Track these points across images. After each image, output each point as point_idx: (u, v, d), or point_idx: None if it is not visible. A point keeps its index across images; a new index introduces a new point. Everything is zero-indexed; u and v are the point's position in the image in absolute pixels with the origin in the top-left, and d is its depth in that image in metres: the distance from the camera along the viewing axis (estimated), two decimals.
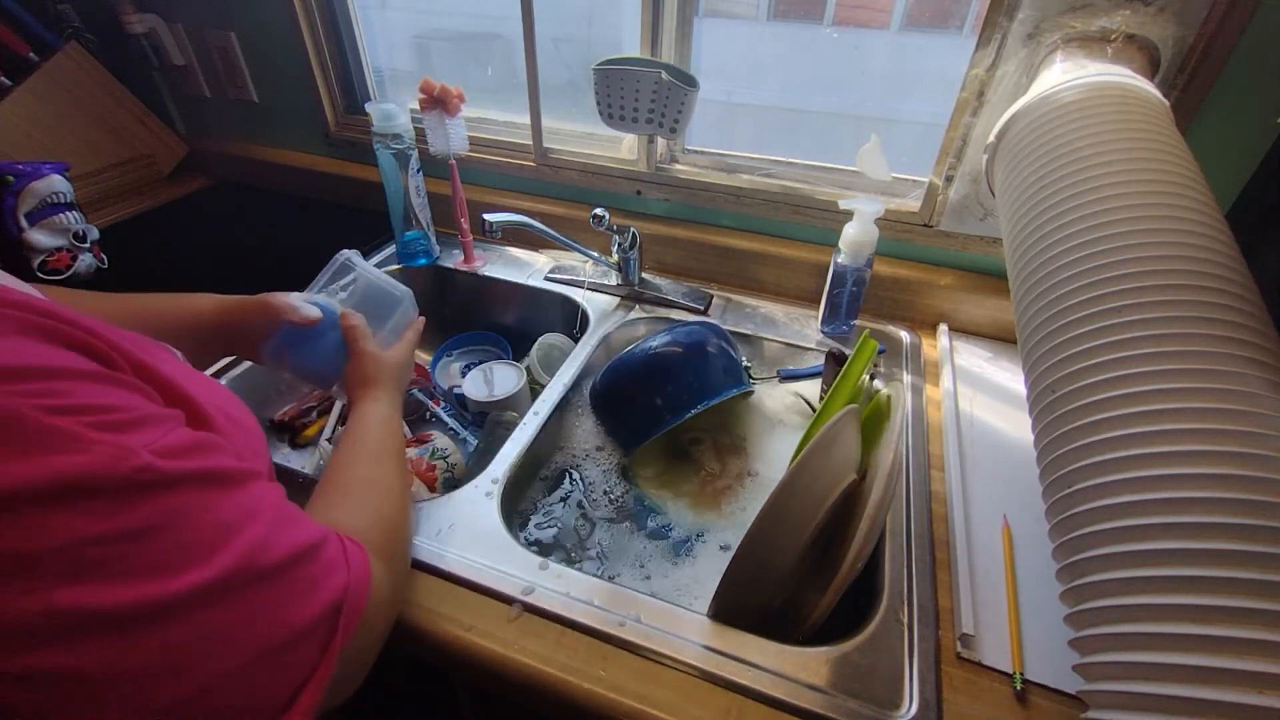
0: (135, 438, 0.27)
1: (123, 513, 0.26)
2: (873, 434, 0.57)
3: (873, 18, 1.63)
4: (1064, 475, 0.41)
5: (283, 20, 1.04)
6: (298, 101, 1.12)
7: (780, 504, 0.47)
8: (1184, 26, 0.60)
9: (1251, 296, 0.41)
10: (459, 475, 0.69)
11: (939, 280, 0.83)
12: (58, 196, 0.89)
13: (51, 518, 0.24)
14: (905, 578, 0.53)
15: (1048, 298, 0.46)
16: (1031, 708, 0.45)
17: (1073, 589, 0.40)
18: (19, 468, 0.24)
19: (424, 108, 0.86)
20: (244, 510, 0.31)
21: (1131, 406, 0.38)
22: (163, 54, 1.16)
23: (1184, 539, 0.34)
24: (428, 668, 0.57)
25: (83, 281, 0.91)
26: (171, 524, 0.27)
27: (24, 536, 0.23)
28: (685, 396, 0.68)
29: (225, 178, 1.27)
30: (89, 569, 0.24)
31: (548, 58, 0.90)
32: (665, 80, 0.78)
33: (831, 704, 0.45)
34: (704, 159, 0.95)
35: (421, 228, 0.96)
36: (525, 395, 0.78)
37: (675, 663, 0.48)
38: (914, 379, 0.76)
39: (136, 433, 0.28)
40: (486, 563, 0.54)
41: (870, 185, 0.86)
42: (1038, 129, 0.55)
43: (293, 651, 0.32)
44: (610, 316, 0.88)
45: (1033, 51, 0.66)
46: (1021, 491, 0.61)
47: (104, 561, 0.25)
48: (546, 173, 1.00)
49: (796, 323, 0.87)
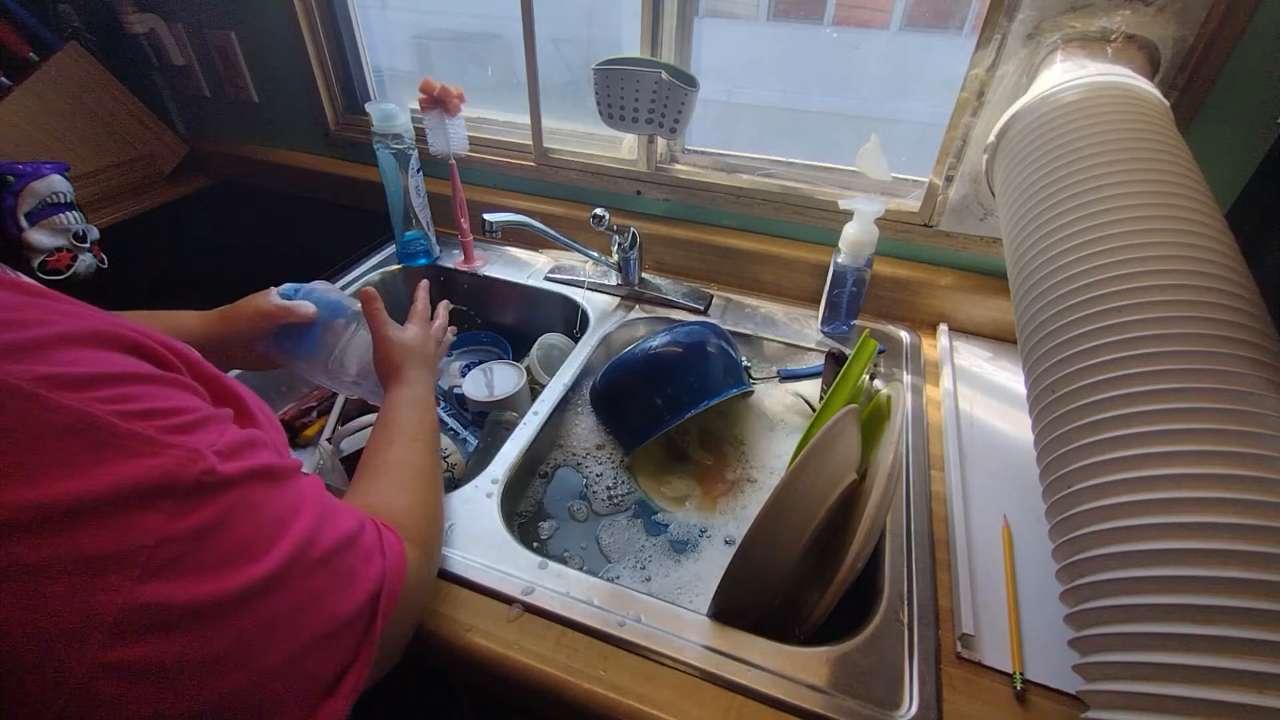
0: (200, 438, 0.29)
1: (192, 513, 0.27)
2: (873, 434, 0.57)
3: (873, 18, 1.63)
4: (1064, 475, 0.41)
5: (283, 20, 1.04)
6: (298, 101, 1.12)
7: (780, 504, 0.47)
8: (1184, 26, 0.60)
9: (1251, 296, 0.41)
10: (459, 475, 0.69)
11: (939, 280, 0.83)
12: (58, 196, 0.89)
13: (134, 518, 0.25)
14: (905, 578, 0.53)
15: (1048, 298, 0.46)
16: (1031, 708, 0.45)
17: (1073, 589, 0.40)
18: (106, 471, 0.25)
19: (424, 108, 0.86)
20: (291, 505, 0.33)
21: (1131, 406, 0.38)
22: (163, 54, 1.16)
23: (1184, 539, 0.34)
24: (428, 668, 0.57)
25: (82, 281, 0.91)
26: (232, 521, 0.29)
27: (112, 537, 0.25)
28: (685, 396, 0.68)
29: (225, 178, 1.27)
30: (166, 566, 0.26)
31: (548, 58, 0.90)
32: (665, 80, 0.78)
33: (831, 704, 0.45)
34: (704, 159, 0.95)
35: (421, 228, 0.96)
36: (525, 395, 0.78)
37: (675, 663, 0.48)
38: (914, 379, 0.76)
39: (200, 433, 0.29)
40: (486, 563, 0.54)
41: (870, 185, 0.86)
42: (1038, 129, 0.55)
43: (339, 638, 0.33)
44: (610, 316, 0.88)
45: (1033, 51, 0.66)
46: (1021, 491, 0.61)
47: (178, 558, 0.26)
48: (546, 173, 1.00)
49: (796, 323, 0.87)
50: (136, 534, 0.25)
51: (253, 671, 0.29)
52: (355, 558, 0.36)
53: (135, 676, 0.25)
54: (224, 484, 0.29)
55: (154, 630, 0.25)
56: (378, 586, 0.36)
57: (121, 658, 0.24)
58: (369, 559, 0.37)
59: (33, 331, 0.26)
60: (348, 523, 0.36)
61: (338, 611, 0.33)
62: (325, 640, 0.32)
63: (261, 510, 0.30)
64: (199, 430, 0.29)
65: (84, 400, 0.25)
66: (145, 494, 0.26)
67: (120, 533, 0.25)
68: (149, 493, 0.26)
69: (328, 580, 0.33)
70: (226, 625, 0.28)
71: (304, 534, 0.32)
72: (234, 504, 0.29)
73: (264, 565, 0.29)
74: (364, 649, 0.35)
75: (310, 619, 0.32)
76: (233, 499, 0.29)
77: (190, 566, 0.27)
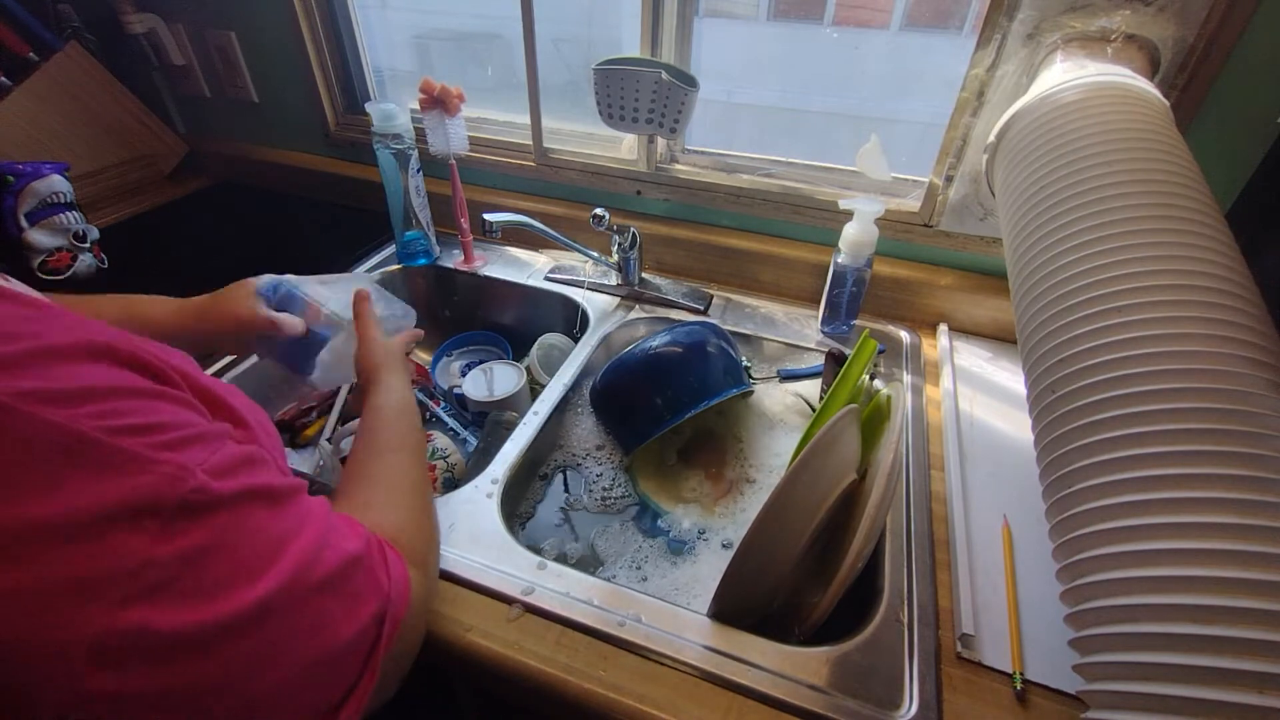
0: (190, 455, 0.28)
1: (180, 535, 0.26)
2: (873, 434, 0.57)
3: (873, 18, 1.63)
4: (1064, 475, 0.41)
5: (283, 20, 1.04)
6: (298, 101, 1.12)
7: (780, 504, 0.47)
8: (1184, 26, 0.60)
9: (1251, 296, 0.41)
10: (459, 475, 0.69)
11: (939, 280, 0.83)
12: (58, 196, 0.89)
13: (118, 539, 0.24)
14: (905, 578, 0.53)
15: (1048, 297, 0.46)
16: (1031, 708, 0.45)
17: (1073, 589, 0.40)
18: (91, 489, 0.24)
19: (424, 108, 0.86)
20: (291, 526, 0.31)
21: (1131, 406, 0.38)
22: (163, 54, 1.16)
23: (1184, 539, 0.34)
24: (428, 668, 0.57)
25: (83, 281, 0.91)
26: (224, 544, 0.28)
27: (93, 558, 0.24)
28: (685, 396, 0.68)
29: (225, 178, 1.27)
30: (150, 591, 0.25)
31: (548, 58, 0.90)
32: (665, 80, 0.78)
33: (831, 704, 0.45)
34: (704, 159, 0.95)
35: (421, 228, 0.96)
36: (525, 395, 0.78)
37: (675, 663, 0.48)
38: (914, 379, 0.76)
39: (190, 450, 0.28)
40: (486, 563, 0.54)
41: (870, 185, 0.86)
42: (1038, 129, 0.55)
43: (339, 663, 0.32)
44: (610, 316, 0.88)
45: (1033, 51, 0.66)
46: (1021, 491, 0.61)
47: (164, 583, 0.25)
48: (546, 173, 1.00)
49: (796, 323, 0.87)
50: (119, 556, 0.24)
51: (245, 696, 0.28)
52: (359, 580, 0.34)
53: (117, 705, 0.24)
54: (215, 504, 0.27)
55: (138, 658, 0.24)
56: (382, 610, 0.35)
57: (103, 686, 0.24)
58: (373, 580, 0.35)
59: (20, 345, 0.25)
60: (352, 544, 0.35)
61: (339, 634, 0.32)
62: (323, 667, 0.31)
63: (258, 533, 0.29)
64: (190, 447, 0.28)
65: (70, 416, 0.25)
66: (130, 513, 0.25)
67: (102, 554, 0.24)
68: (134, 512, 0.25)
69: (329, 603, 0.32)
70: (216, 653, 0.27)
71: (304, 556, 0.31)
72: (227, 525, 0.28)
73: (259, 590, 0.28)
74: (365, 676, 0.33)
75: (308, 645, 0.30)
76: (225, 520, 0.28)
77: (179, 592, 0.26)
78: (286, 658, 0.29)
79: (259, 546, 0.29)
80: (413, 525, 0.45)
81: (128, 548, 0.24)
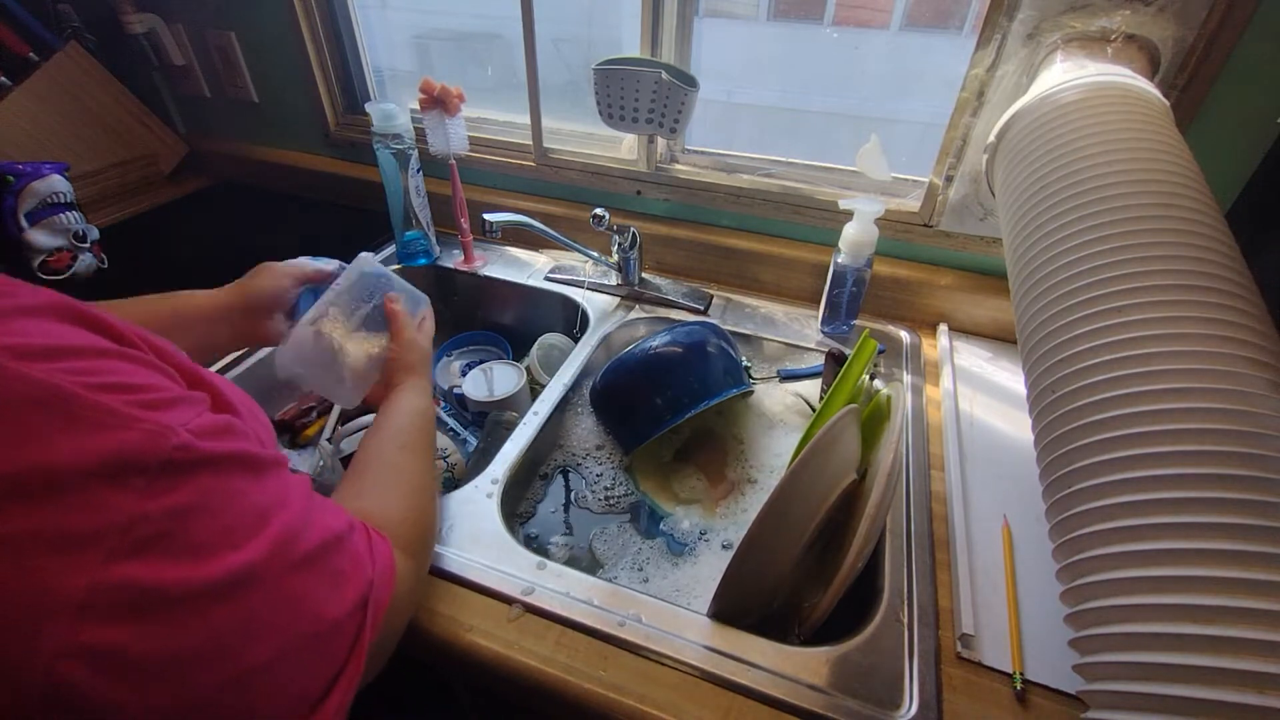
0: (172, 416, 0.27)
1: (166, 492, 0.26)
2: (873, 434, 0.57)
3: (873, 18, 1.63)
4: (1064, 475, 0.41)
5: (283, 20, 1.03)
6: (298, 101, 1.12)
7: (780, 504, 0.47)
8: (1184, 26, 0.60)
9: (1251, 296, 0.41)
10: (459, 475, 0.69)
11: (939, 280, 0.83)
12: (58, 196, 0.89)
13: (103, 495, 0.24)
14: (905, 578, 0.53)
15: (1048, 298, 0.46)
16: (1031, 708, 0.45)
17: (1073, 589, 0.40)
18: (72, 444, 0.24)
19: (424, 108, 0.86)
20: (275, 496, 0.31)
21: (1131, 406, 0.38)
22: (163, 54, 1.16)
23: (1184, 539, 0.34)
24: (428, 668, 0.57)
25: (83, 281, 0.91)
26: (209, 505, 0.27)
27: (78, 513, 0.24)
28: (685, 396, 0.68)
29: (225, 178, 1.27)
30: (137, 547, 0.25)
31: (548, 58, 0.90)
32: (665, 80, 0.78)
33: (831, 704, 0.45)
34: (704, 159, 0.95)
35: (421, 228, 0.96)
36: (525, 395, 0.78)
37: (675, 663, 0.48)
38: (914, 379, 0.76)
39: (172, 411, 0.28)
40: (486, 563, 0.54)
41: (870, 185, 0.86)
42: (1038, 129, 0.55)
43: (324, 644, 0.32)
44: (610, 316, 0.88)
45: (1033, 51, 0.66)
46: (1021, 491, 0.61)
47: (152, 540, 0.25)
48: (546, 173, 1.00)
49: (796, 323, 0.87)
50: (106, 511, 0.24)
51: (231, 670, 0.27)
52: (343, 560, 0.34)
53: (106, 662, 0.24)
54: (200, 463, 0.27)
55: (125, 613, 0.24)
56: (365, 594, 0.34)
57: (91, 640, 0.23)
58: (357, 563, 0.35)
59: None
60: (335, 523, 0.35)
61: (324, 613, 0.31)
62: (310, 645, 0.31)
63: (242, 498, 0.29)
64: (171, 409, 0.28)
65: (48, 371, 0.24)
66: (114, 470, 0.24)
67: (89, 509, 0.24)
68: (118, 468, 0.25)
69: (312, 580, 0.31)
70: (203, 616, 0.26)
71: (288, 528, 0.30)
72: (212, 487, 0.28)
73: (244, 555, 0.28)
74: (352, 661, 0.33)
75: (293, 619, 0.30)
76: (210, 482, 0.28)
77: (165, 549, 0.25)
78: (271, 632, 0.29)
79: (244, 512, 0.29)
80: (412, 519, 0.45)
81: (113, 503, 0.24)
